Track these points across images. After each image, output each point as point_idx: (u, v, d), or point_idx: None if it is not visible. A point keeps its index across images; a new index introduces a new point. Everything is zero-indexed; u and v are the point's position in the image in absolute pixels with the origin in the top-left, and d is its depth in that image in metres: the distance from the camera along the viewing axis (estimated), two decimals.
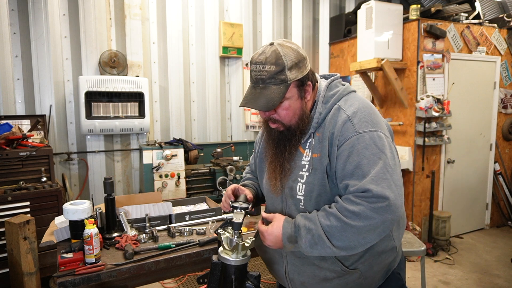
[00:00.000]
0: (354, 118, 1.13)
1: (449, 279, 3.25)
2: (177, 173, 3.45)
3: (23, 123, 3.15)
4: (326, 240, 1.07)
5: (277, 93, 1.12)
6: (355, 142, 1.09)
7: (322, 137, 1.17)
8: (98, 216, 1.77)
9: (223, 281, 1.05)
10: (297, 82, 1.15)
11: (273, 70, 1.11)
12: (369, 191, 1.03)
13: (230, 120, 4.39)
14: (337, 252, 1.08)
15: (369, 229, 1.04)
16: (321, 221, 1.09)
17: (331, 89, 1.22)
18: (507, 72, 4.35)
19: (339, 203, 1.10)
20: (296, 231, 1.12)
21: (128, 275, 1.52)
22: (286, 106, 1.16)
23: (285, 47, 1.14)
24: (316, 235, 1.08)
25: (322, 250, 1.09)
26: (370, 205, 1.03)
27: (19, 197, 2.63)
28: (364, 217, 1.03)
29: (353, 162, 1.08)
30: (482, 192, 4.39)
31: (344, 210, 1.06)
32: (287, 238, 1.13)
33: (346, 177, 1.10)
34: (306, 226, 1.10)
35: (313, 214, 1.14)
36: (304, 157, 1.20)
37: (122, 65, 3.59)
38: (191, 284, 3.09)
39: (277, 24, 4.61)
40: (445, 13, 3.78)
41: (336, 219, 1.07)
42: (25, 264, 2.26)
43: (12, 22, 3.19)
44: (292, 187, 1.21)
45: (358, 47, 3.91)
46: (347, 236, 1.05)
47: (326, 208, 1.12)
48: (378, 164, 1.06)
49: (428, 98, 3.67)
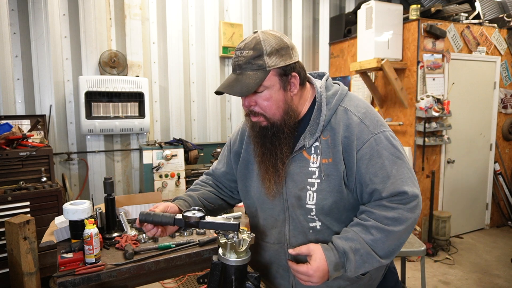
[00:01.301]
0: (366, 119, 1.10)
1: (449, 279, 3.25)
2: (177, 173, 3.45)
3: (23, 123, 3.14)
4: (375, 255, 1.04)
5: (253, 78, 1.04)
6: (373, 144, 1.07)
7: (333, 141, 1.10)
8: (98, 216, 1.77)
9: (223, 281, 1.05)
10: (279, 70, 1.06)
11: (250, 55, 1.05)
12: (405, 193, 1.03)
13: (230, 120, 4.39)
14: (383, 263, 1.06)
15: (406, 230, 1.05)
16: (364, 238, 1.04)
17: (329, 88, 1.17)
18: (507, 72, 4.35)
19: (375, 213, 1.06)
20: (341, 256, 1.04)
21: (128, 275, 1.52)
22: (267, 97, 1.07)
23: (267, 34, 1.08)
24: (364, 253, 1.03)
25: (369, 266, 1.05)
26: (406, 206, 1.04)
27: (19, 197, 2.63)
28: (403, 220, 1.03)
29: (376, 165, 1.06)
30: (482, 192, 4.39)
31: (383, 219, 1.04)
32: (334, 267, 1.03)
33: (371, 180, 1.06)
34: (353, 247, 1.04)
35: (351, 232, 1.07)
36: (312, 163, 1.11)
37: (122, 65, 3.59)
38: (191, 284, 3.09)
39: (277, 24, 4.61)
40: (445, 13, 3.78)
41: (378, 231, 1.03)
42: (25, 264, 2.26)
43: (12, 22, 3.19)
44: (300, 197, 1.12)
45: (358, 47, 3.91)
46: (389, 245, 1.04)
47: (361, 222, 1.07)
48: (399, 164, 1.07)
49: (428, 98, 3.67)
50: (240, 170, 1.28)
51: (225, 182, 1.39)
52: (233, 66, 1.11)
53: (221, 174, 1.38)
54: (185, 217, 1.03)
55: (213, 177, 1.42)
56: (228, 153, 1.36)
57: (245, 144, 1.28)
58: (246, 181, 1.27)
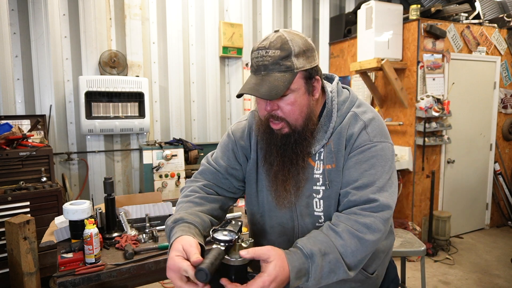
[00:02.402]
0: (369, 127, 1.06)
1: (449, 279, 3.25)
2: (177, 173, 3.45)
3: (23, 123, 3.14)
4: (343, 263, 0.93)
5: (281, 80, 0.97)
6: (366, 151, 1.04)
7: (336, 146, 1.06)
8: (98, 216, 1.77)
9: None
10: (305, 73, 1.01)
11: (278, 55, 0.97)
12: (376, 200, 0.98)
13: (230, 120, 4.39)
14: (349, 276, 0.94)
15: (376, 243, 0.97)
16: (334, 242, 0.93)
17: (340, 94, 1.12)
18: (507, 72, 4.35)
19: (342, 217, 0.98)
20: (306, 261, 0.90)
21: (128, 275, 1.52)
22: (292, 101, 1.00)
23: (292, 33, 1.01)
24: (333, 260, 0.92)
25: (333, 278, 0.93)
26: (379, 215, 0.97)
27: (19, 197, 2.63)
28: (375, 229, 0.96)
29: (360, 169, 1.02)
30: (482, 192, 4.39)
31: (355, 223, 0.96)
32: (296, 274, 0.88)
33: (349, 183, 1.03)
34: (321, 250, 0.91)
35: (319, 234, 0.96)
36: (316, 170, 1.07)
37: (122, 65, 3.59)
38: None
39: (277, 24, 4.61)
40: (445, 13, 3.78)
41: (350, 236, 0.94)
42: (25, 264, 2.26)
43: (12, 22, 3.19)
44: (308, 204, 1.08)
45: (358, 47, 3.91)
46: (359, 253, 0.95)
47: (331, 226, 0.98)
48: (383, 176, 1.02)
49: (428, 98, 3.67)
50: (250, 173, 1.19)
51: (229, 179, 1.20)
52: (255, 66, 1.01)
53: (225, 171, 1.20)
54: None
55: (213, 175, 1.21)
56: (235, 148, 1.21)
57: (253, 144, 1.18)
58: (256, 186, 1.18)
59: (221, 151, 1.23)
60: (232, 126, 1.27)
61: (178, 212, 1.06)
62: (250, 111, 1.26)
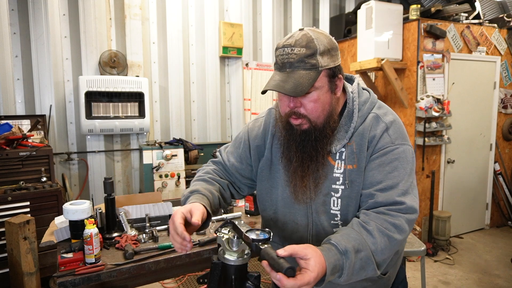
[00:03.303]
0: (390, 129, 1.08)
1: (449, 279, 3.25)
2: (177, 173, 3.45)
3: (23, 123, 3.15)
4: (373, 261, 0.95)
5: (306, 78, 0.99)
6: (389, 153, 1.05)
7: (359, 147, 1.07)
8: (98, 216, 1.77)
9: (223, 281, 1.05)
10: (329, 71, 1.03)
11: (303, 53, 0.99)
12: (403, 203, 1.00)
13: (230, 120, 4.39)
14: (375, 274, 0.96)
15: (401, 242, 1.00)
16: (366, 239, 0.95)
17: (361, 95, 1.13)
18: (507, 72, 4.35)
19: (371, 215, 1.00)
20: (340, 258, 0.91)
21: (128, 275, 1.52)
22: (315, 98, 1.02)
23: (317, 32, 1.03)
24: (364, 257, 0.93)
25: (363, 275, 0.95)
26: (406, 216, 0.99)
27: (19, 197, 2.63)
28: (402, 230, 0.98)
29: (383, 172, 1.04)
30: (482, 192, 4.39)
31: (384, 222, 0.98)
32: (331, 270, 0.89)
33: (372, 185, 1.04)
34: (355, 247, 0.93)
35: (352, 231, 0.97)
36: (336, 169, 1.08)
37: (122, 65, 3.59)
38: (191, 284, 3.09)
39: (277, 24, 4.61)
40: (445, 13, 3.78)
41: (380, 235, 0.96)
42: (25, 264, 2.26)
43: (12, 22, 3.19)
44: (325, 202, 1.10)
45: (358, 47, 3.91)
46: (386, 253, 0.97)
47: (362, 224, 0.99)
48: (407, 180, 1.04)
49: (428, 98, 3.67)
50: (262, 170, 1.21)
51: (237, 176, 1.28)
52: (280, 63, 1.03)
53: (234, 169, 1.27)
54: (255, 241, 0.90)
55: (224, 168, 1.30)
56: (247, 148, 1.25)
57: (268, 143, 1.20)
58: (268, 182, 1.21)
59: (234, 147, 1.30)
60: (250, 122, 1.30)
61: (194, 185, 1.19)
62: (268, 109, 1.28)
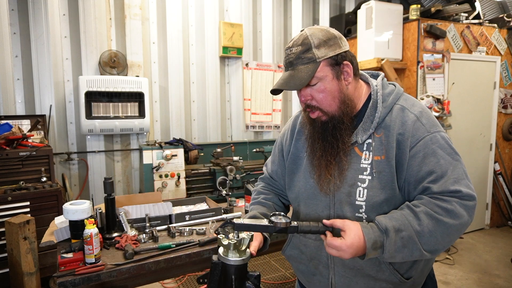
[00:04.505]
0: (422, 118, 1.08)
1: (449, 279, 3.25)
2: (177, 173, 3.45)
3: (23, 123, 3.14)
4: (417, 241, 0.98)
5: (305, 71, 1.06)
6: (428, 142, 1.04)
7: (386, 138, 1.08)
8: (98, 216, 1.77)
9: (223, 281, 1.05)
10: (329, 60, 1.08)
11: (299, 51, 1.08)
12: (459, 191, 0.99)
13: (230, 120, 4.39)
14: (425, 256, 1.00)
15: (458, 229, 0.99)
16: (409, 220, 0.99)
17: (385, 87, 1.16)
18: (507, 72, 4.35)
19: (425, 199, 1.01)
20: (382, 234, 0.99)
21: (128, 275, 1.52)
22: (322, 88, 1.08)
23: (313, 29, 1.11)
24: (406, 237, 0.98)
25: (408, 254, 0.99)
26: (462, 202, 0.99)
27: (19, 197, 2.63)
28: (456, 215, 0.98)
29: (430, 164, 1.03)
30: (482, 192, 4.39)
31: (435, 206, 0.99)
32: (372, 245, 0.98)
33: (423, 179, 1.03)
34: (396, 227, 0.99)
35: (397, 213, 1.03)
36: (364, 160, 1.10)
37: (122, 65, 3.59)
38: (191, 284, 3.09)
39: (277, 24, 4.61)
40: (445, 13, 3.79)
41: (427, 217, 0.98)
42: (25, 264, 2.26)
43: (12, 22, 3.19)
44: (350, 193, 1.10)
45: (358, 47, 3.91)
46: (436, 237, 0.98)
47: (411, 206, 1.02)
48: (455, 165, 1.03)
49: (428, 98, 3.67)
50: (288, 165, 1.29)
51: (282, 183, 1.37)
52: (285, 65, 1.14)
53: (277, 176, 1.38)
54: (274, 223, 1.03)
55: (270, 181, 1.42)
56: (280, 151, 1.36)
57: (294, 140, 1.29)
58: (293, 176, 1.27)
59: (273, 155, 1.42)
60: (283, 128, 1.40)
61: (251, 211, 1.31)
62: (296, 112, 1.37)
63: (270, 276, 3.20)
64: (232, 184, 3.52)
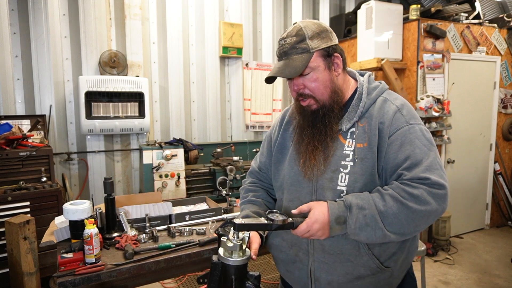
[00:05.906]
0: (403, 110, 1.15)
1: (449, 279, 3.25)
2: (177, 173, 3.45)
3: (23, 123, 3.15)
4: (379, 221, 1.04)
5: (299, 61, 1.13)
6: (406, 132, 1.10)
7: (369, 127, 1.14)
8: (98, 216, 1.77)
9: (223, 281, 1.05)
10: (322, 52, 1.15)
11: (294, 41, 1.14)
12: (428, 178, 1.03)
13: (230, 120, 4.39)
14: (387, 236, 1.04)
15: (424, 215, 1.03)
16: (375, 200, 1.05)
17: (371, 82, 1.23)
18: (507, 72, 4.35)
19: (394, 184, 1.07)
20: (345, 211, 1.06)
21: (128, 275, 1.52)
22: (314, 78, 1.14)
23: (306, 21, 1.18)
24: (368, 215, 1.04)
25: (372, 233, 1.04)
26: (430, 189, 1.03)
27: (19, 197, 2.63)
28: (422, 201, 1.02)
29: (406, 151, 1.08)
30: (482, 192, 4.39)
31: (401, 191, 1.04)
32: (335, 219, 1.06)
33: (398, 165, 1.09)
34: (359, 204, 1.05)
35: (365, 193, 1.09)
36: (347, 147, 1.15)
37: (122, 65, 3.59)
38: (191, 284, 3.09)
39: (277, 24, 4.61)
40: (445, 13, 3.78)
41: (392, 199, 1.04)
42: (25, 264, 2.26)
43: (12, 22, 3.19)
44: (332, 178, 1.15)
45: (358, 47, 3.91)
46: (400, 220, 1.03)
47: (379, 189, 1.09)
48: (429, 155, 1.08)
49: (428, 98, 3.67)
50: (275, 155, 1.34)
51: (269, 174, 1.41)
52: (278, 54, 1.19)
53: (265, 167, 1.42)
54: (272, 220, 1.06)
55: (258, 175, 1.45)
56: (268, 142, 1.41)
57: (282, 130, 1.34)
58: (278, 165, 1.32)
59: (262, 147, 1.46)
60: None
61: (243, 210, 1.34)
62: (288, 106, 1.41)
63: (270, 276, 3.20)
64: (232, 184, 3.52)
